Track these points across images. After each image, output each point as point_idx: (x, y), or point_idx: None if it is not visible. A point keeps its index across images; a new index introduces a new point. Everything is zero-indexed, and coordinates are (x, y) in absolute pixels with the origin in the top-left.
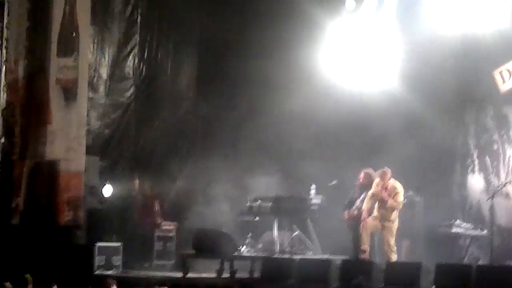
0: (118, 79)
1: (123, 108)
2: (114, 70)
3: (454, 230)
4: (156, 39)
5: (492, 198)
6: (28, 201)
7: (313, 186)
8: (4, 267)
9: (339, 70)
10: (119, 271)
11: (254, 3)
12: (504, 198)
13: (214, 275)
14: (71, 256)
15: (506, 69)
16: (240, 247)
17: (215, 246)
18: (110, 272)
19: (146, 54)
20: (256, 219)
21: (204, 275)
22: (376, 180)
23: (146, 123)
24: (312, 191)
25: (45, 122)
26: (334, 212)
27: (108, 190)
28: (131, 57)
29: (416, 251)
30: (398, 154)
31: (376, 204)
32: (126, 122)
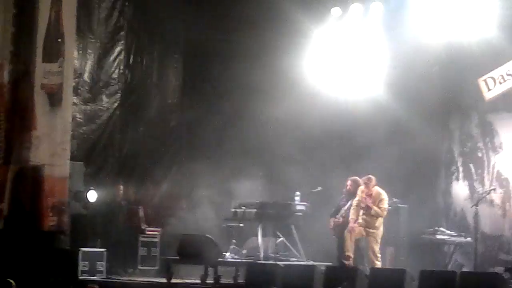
0: (103, 85)
1: (108, 114)
2: (99, 76)
3: (438, 237)
4: (141, 45)
5: (476, 205)
6: (12, 206)
7: (297, 193)
8: None
9: (324, 77)
10: (103, 277)
11: (239, 9)
12: (488, 205)
13: (198, 281)
14: (55, 261)
15: (491, 77)
16: (225, 253)
17: (199, 252)
18: (94, 277)
19: (131, 60)
20: (240, 225)
21: (188, 280)
22: (361, 187)
23: (131, 129)
24: (297, 198)
25: (29, 127)
26: (318, 219)
27: (92, 196)
28: (116, 63)
29: (400, 258)
30: (382, 161)
31: (361, 211)
32: (111, 128)
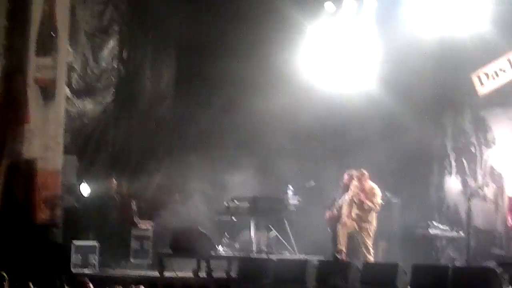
0: (97, 79)
1: (101, 108)
2: (93, 70)
3: (431, 231)
4: (134, 39)
5: (469, 200)
6: (5, 199)
7: (290, 187)
8: None
9: (318, 71)
10: (95, 270)
11: (233, 5)
12: (480, 200)
13: (191, 275)
14: (47, 254)
15: (484, 72)
16: (217, 247)
17: (192, 246)
18: (86, 270)
19: (124, 54)
20: (233, 219)
21: (180, 274)
22: (354, 182)
23: (124, 123)
24: (289, 192)
25: (22, 121)
26: (311, 213)
27: (85, 189)
28: (110, 57)
29: (392, 252)
30: (376, 155)
31: (354, 205)
32: (104, 122)
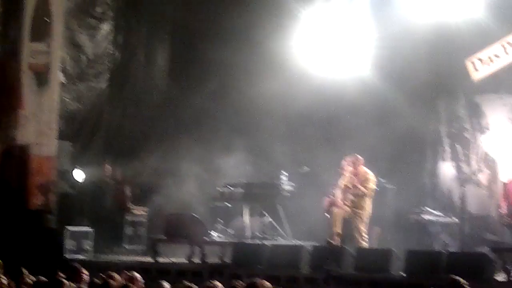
0: (91, 64)
1: (95, 94)
2: (87, 55)
3: (424, 217)
4: (129, 25)
5: (462, 186)
6: None
7: (284, 173)
8: None
9: (312, 57)
10: (89, 256)
11: None
12: (474, 185)
13: (185, 260)
14: (41, 240)
15: (478, 58)
16: (211, 233)
17: (185, 231)
18: (80, 256)
19: (119, 40)
20: (227, 204)
21: (174, 260)
22: (348, 168)
23: (118, 108)
24: (283, 178)
25: (17, 106)
26: (304, 199)
27: (79, 175)
28: (104, 43)
29: (386, 238)
30: (369, 141)
31: (348, 190)
32: (98, 107)
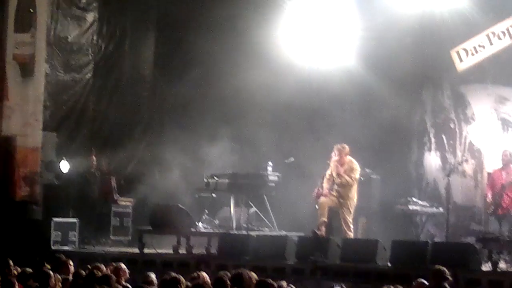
0: (76, 55)
1: (80, 84)
2: (72, 46)
3: (410, 207)
4: (114, 15)
5: (448, 176)
6: None
7: (269, 163)
8: None
9: (297, 48)
10: (75, 247)
11: None
12: (460, 176)
13: (171, 251)
14: (27, 232)
15: (463, 48)
16: (197, 223)
17: (171, 222)
18: (66, 247)
19: (104, 30)
20: (213, 195)
21: (160, 251)
22: (334, 158)
23: (104, 99)
24: (269, 168)
25: (1, 98)
26: (290, 189)
27: (65, 166)
28: (89, 33)
29: (372, 228)
30: (355, 131)
31: (334, 180)
32: (83, 98)
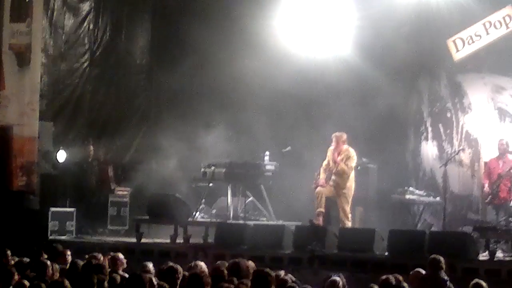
0: (73, 44)
1: (77, 74)
2: (69, 35)
3: (407, 196)
4: (110, 5)
5: (445, 165)
6: None
7: (266, 153)
8: None
9: (293, 37)
10: (72, 237)
11: None
12: (457, 165)
13: (168, 241)
14: (24, 221)
15: (460, 37)
16: (194, 213)
17: (169, 212)
18: (63, 237)
19: (100, 20)
20: (210, 185)
21: (158, 240)
22: (330, 147)
23: (101, 88)
24: (266, 157)
25: None
26: (287, 178)
27: (62, 155)
28: (85, 22)
29: (369, 218)
30: (351, 120)
31: (330, 168)
32: (80, 88)
